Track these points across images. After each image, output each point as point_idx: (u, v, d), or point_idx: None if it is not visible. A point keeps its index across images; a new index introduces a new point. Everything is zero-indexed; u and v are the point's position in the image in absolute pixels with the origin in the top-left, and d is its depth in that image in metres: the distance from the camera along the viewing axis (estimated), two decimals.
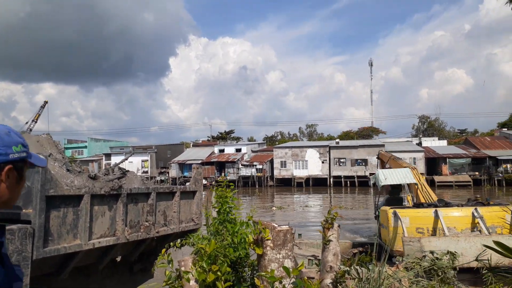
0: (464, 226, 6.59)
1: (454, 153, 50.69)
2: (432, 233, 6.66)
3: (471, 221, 6.56)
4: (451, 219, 6.65)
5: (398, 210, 7.11)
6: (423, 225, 6.75)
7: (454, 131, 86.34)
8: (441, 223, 6.46)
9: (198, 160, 57.86)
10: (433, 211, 6.73)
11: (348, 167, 52.08)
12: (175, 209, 5.12)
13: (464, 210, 6.76)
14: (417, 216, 6.91)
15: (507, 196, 34.72)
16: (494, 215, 6.47)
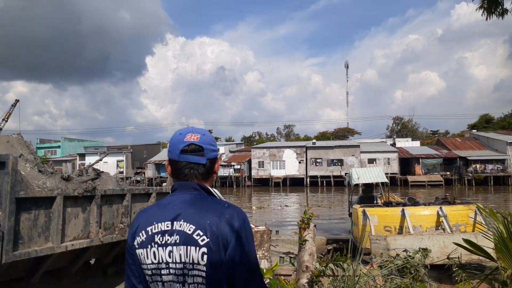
0: (429, 225, 6.80)
1: (427, 153, 52.09)
2: (399, 231, 6.85)
3: (436, 219, 6.78)
4: (417, 218, 6.85)
5: (367, 209, 7.28)
6: (391, 223, 6.93)
7: (427, 132, 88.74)
8: (407, 222, 6.65)
9: None
10: (400, 210, 6.92)
11: (324, 167, 52.73)
12: None
13: (430, 209, 6.98)
14: (385, 215, 7.10)
15: (476, 194, 35.98)
16: (458, 214, 6.70)
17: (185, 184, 1.42)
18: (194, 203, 1.37)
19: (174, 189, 1.44)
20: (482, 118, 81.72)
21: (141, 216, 1.44)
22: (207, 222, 1.32)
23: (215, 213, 1.34)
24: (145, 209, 1.49)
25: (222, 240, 1.30)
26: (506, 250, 4.64)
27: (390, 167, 50.23)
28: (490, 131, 63.41)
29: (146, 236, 1.36)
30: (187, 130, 1.50)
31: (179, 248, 1.31)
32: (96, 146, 68.88)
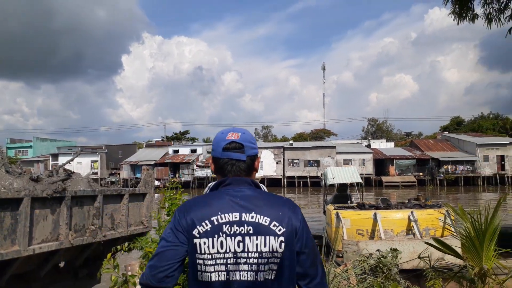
0: (400, 229, 6.93)
1: (401, 154, 53.23)
2: (371, 235, 6.96)
3: (407, 224, 6.92)
4: (389, 222, 6.97)
5: (340, 212, 7.36)
6: (363, 227, 7.03)
7: (401, 133, 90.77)
8: (379, 226, 6.77)
9: (151, 161, 56.47)
10: (372, 214, 7.02)
11: (301, 167, 53.14)
12: (123, 212, 4.98)
13: (402, 213, 7.11)
14: (357, 218, 7.18)
15: (447, 194, 37.07)
16: (429, 218, 6.86)
17: (240, 179, 1.52)
18: (259, 197, 1.49)
19: (228, 183, 1.51)
20: (453, 120, 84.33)
21: (195, 206, 1.47)
22: (279, 214, 1.45)
23: (283, 205, 1.49)
24: (195, 200, 1.52)
25: (293, 228, 1.45)
26: (473, 249, 4.80)
27: (365, 167, 51.09)
28: (461, 133, 65.45)
29: (212, 225, 1.41)
30: (229, 130, 1.61)
31: (253, 238, 1.41)
32: (69, 146, 67.18)
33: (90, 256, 4.84)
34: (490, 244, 4.77)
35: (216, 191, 1.52)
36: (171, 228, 1.45)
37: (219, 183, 1.53)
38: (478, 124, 77.41)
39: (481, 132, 67.32)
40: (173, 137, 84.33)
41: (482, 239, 4.65)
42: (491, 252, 4.81)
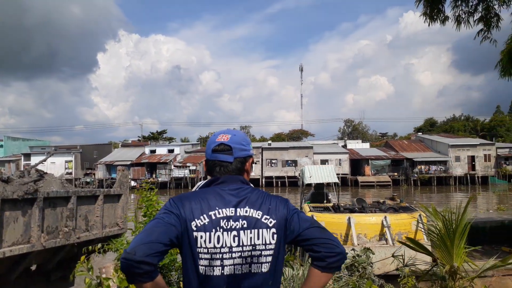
0: (373, 234, 7.05)
1: (376, 155, 54.23)
2: (345, 238, 7.05)
3: (380, 228, 7.04)
4: (363, 226, 7.08)
5: (315, 214, 7.43)
6: (338, 230, 7.10)
7: (376, 134, 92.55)
8: (352, 231, 6.87)
9: (128, 161, 55.54)
10: (346, 218, 7.12)
11: (279, 167, 53.43)
12: (98, 213, 4.89)
13: (375, 217, 7.23)
14: (332, 222, 7.26)
15: (421, 194, 38.02)
16: (402, 223, 6.99)
17: (232, 177, 1.56)
18: (251, 193, 1.54)
19: (222, 181, 1.55)
20: (427, 121, 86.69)
21: (192, 199, 1.47)
22: (269, 207, 1.51)
23: (273, 199, 1.56)
24: (190, 194, 1.53)
25: (282, 217, 1.51)
26: (444, 247, 4.95)
27: (341, 167, 51.83)
28: (434, 134, 67.27)
29: (209, 220, 1.43)
30: (221, 132, 1.67)
31: (247, 232, 1.46)
32: (42, 146, 65.32)
33: (64, 258, 4.73)
34: (460, 242, 4.94)
35: (210, 188, 1.55)
36: (166, 210, 1.44)
37: (211, 181, 1.57)
38: (450, 125, 79.85)
39: (453, 133, 69.42)
40: (150, 136, 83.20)
41: (452, 237, 4.80)
42: (462, 250, 4.98)
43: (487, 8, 7.51)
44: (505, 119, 75.95)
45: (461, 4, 7.54)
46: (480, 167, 50.91)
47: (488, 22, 7.54)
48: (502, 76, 7.62)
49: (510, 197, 32.70)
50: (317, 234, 1.52)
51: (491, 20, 7.53)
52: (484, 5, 7.50)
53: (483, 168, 50.91)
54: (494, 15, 7.53)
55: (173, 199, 1.49)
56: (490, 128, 74.09)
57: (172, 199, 1.49)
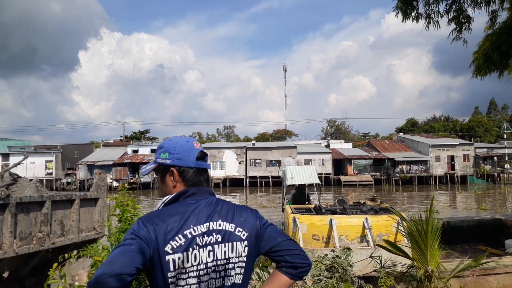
0: (355, 235, 7.12)
1: (358, 155, 54.87)
2: (326, 240, 7.10)
3: (361, 230, 7.12)
4: (344, 228, 7.15)
5: (297, 216, 7.47)
6: (319, 232, 7.15)
7: (359, 134, 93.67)
8: (334, 233, 6.94)
9: (110, 161, 54.82)
10: (328, 220, 7.18)
11: (263, 167, 53.53)
12: (74, 217, 4.80)
13: (357, 219, 7.31)
14: (314, 224, 7.31)
15: (402, 193, 38.61)
16: (382, 224, 7.09)
17: (202, 189, 1.54)
18: (222, 205, 1.51)
19: (191, 194, 1.50)
20: (408, 122, 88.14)
21: (164, 218, 1.39)
22: (241, 219, 1.50)
23: (244, 211, 1.54)
24: (161, 212, 1.43)
25: (256, 231, 1.51)
26: (419, 249, 5.06)
27: (324, 167, 52.30)
28: (415, 134, 68.45)
29: (185, 239, 1.37)
30: (191, 139, 1.62)
31: (221, 245, 1.44)
32: (22, 146, 63.75)
33: (38, 264, 4.63)
34: (433, 243, 5.05)
35: (179, 203, 1.47)
36: (133, 233, 1.34)
37: (180, 195, 1.49)
38: (431, 125, 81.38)
39: (433, 133, 70.80)
40: (133, 136, 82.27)
41: (425, 239, 4.91)
42: (436, 251, 5.09)
43: (459, 9, 7.67)
44: (483, 120, 77.81)
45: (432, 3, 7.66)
46: (459, 166, 52.05)
47: (460, 23, 7.70)
48: (475, 76, 7.78)
49: (488, 196, 33.54)
50: (291, 246, 1.55)
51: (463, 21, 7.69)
52: (457, 6, 7.65)
53: (462, 167, 52.06)
54: (466, 16, 7.70)
55: (142, 220, 1.39)
56: (469, 128, 75.81)
57: (141, 220, 1.39)
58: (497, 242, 9.18)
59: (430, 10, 7.70)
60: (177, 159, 1.53)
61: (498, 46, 6.98)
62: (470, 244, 9.45)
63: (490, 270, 5.97)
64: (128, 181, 52.85)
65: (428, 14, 7.72)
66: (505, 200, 30.09)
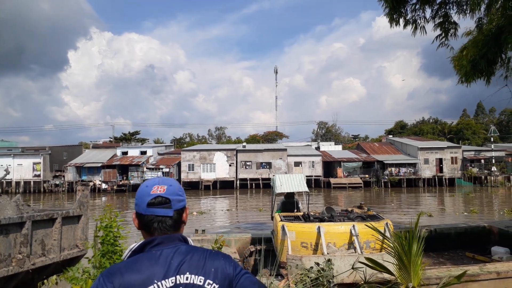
0: (342, 242, 7.18)
1: (348, 157, 55.17)
2: (314, 247, 7.16)
3: (349, 237, 7.18)
4: (332, 235, 7.20)
5: (286, 224, 7.53)
6: (307, 239, 7.21)
7: (349, 136, 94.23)
8: (322, 240, 6.98)
9: (99, 163, 54.33)
10: (316, 227, 7.24)
11: (253, 170, 53.52)
12: (55, 236, 4.74)
13: (344, 226, 7.37)
14: (302, 231, 7.37)
15: (391, 196, 38.93)
16: (369, 231, 7.16)
17: (170, 237, 1.43)
18: (191, 255, 1.40)
19: (158, 243, 1.40)
20: (397, 124, 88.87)
21: (125, 273, 1.31)
22: (212, 270, 1.39)
23: (215, 259, 1.43)
24: (123, 265, 1.36)
25: (229, 282, 1.40)
26: (402, 265, 5.10)
27: (314, 170, 52.48)
28: (404, 137, 69.10)
29: None
30: (154, 182, 1.51)
31: None
32: (9, 147, 62.79)
33: (18, 285, 4.56)
34: (416, 259, 5.10)
35: (145, 253, 1.39)
36: None
37: (145, 244, 1.42)
38: (420, 128, 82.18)
39: (422, 136, 71.50)
40: (122, 137, 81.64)
41: (409, 256, 4.96)
42: (418, 267, 5.14)
43: (445, 15, 7.76)
44: (471, 122, 78.81)
45: (419, 9, 7.74)
46: (447, 169, 52.63)
47: (445, 29, 7.80)
48: (462, 83, 7.87)
49: (475, 199, 33.97)
50: None
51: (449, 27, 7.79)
52: (442, 12, 7.74)
53: (450, 170, 52.65)
54: (452, 23, 7.79)
55: (103, 277, 1.32)
56: (457, 131, 76.72)
57: (102, 277, 1.32)
58: (484, 249, 9.30)
59: (417, 15, 7.77)
60: (136, 205, 1.48)
61: (485, 54, 7.09)
62: (458, 251, 9.55)
63: (475, 277, 6.06)
64: (117, 184, 52.48)
65: (414, 20, 7.80)
66: (491, 203, 30.53)
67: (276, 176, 13.00)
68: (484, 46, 7.11)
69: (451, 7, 7.73)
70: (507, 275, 6.11)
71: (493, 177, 50.44)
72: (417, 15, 7.79)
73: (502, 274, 6.12)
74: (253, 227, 18.29)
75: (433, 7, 7.78)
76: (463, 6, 7.48)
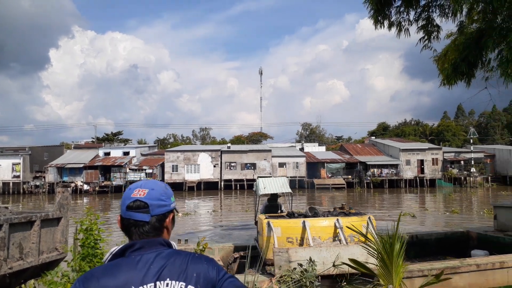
0: (327, 236, 7.26)
1: (331, 158, 55.68)
2: (300, 242, 7.22)
3: (333, 230, 7.27)
4: (317, 229, 7.28)
5: (271, 221, 7.58)
6: (293, 234, 7.26)
7: (332, 137, 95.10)
8: (307, 234, 7.04)
9: (80, 163, 53.44)
10: (301, 222, 7.32)
11: (238, 170, 53.48)
12: (34, 239, 4.64)
13: (328, 220, 7.48)
14: (288, 226, 7.43)
15: (373, 196, 39.41)
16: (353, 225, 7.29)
17: (151, 241, 1.40)
18: (173, 260, 1.36)
19: (139, 247, 1.37)
20: (380, 125, 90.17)
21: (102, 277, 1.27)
22: (194, 275, 1.35)
23: (198, 262, 1.39)
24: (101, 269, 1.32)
25: (212, 286, 1.37)
26: (383, 266, 5.17)
27: (298, 170, 52.78)
28: (386, 138, 70.11)
29: None
30: (137, 185, 1.48)
31: None
32: None
33: None
34: (398, 260, 5.18)
35: (125, 258, 1.36)
36: None
37: (126, 248, 1.38)
38: (402, 129, 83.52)
39: (404, 137, 72.68)
40: (105, 138, 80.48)
41: (391, 258, 5.03)
42: (400, 267, 5.22)
43: (428, 18, 7.91)
44: (451, 124, 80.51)
45: (403, 12, 7.87)
46: (428, 170, 53.62)
47: (428, 32, 7.95)
48: (444, 85, 8.03)
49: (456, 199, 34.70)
50: None
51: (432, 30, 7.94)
52: (425, 14, 7.89)
53: (431, 171, 53.66)
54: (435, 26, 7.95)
55: (79, 281, 1.29)
56: (438, 132, 78.28)
57: (78, 282, 1.29)
58: (463, 253, 9.51)
59: (401, 18, 7.90)
60: (121, 209, 1.46)
61: (466, 57, 7.25)
62: (438, 257, 9.74)
63: (456, 269, 6.21)
64: (100, 185, 51.71)
65: (399, 22, 7.92)
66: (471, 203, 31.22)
67: (260, 180, 13.05)
68: (465, 49, 7.27)
69: (434, 10, 7.88)
70: (486, 267, 6.28)
71: (472, 178, 51.60)
72: (402, 17, 7.92)
73: (481, 266, 6.29)
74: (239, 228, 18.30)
75: (416, 10, 7.91)
76: (445, 10, 7.63)
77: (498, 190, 44.05)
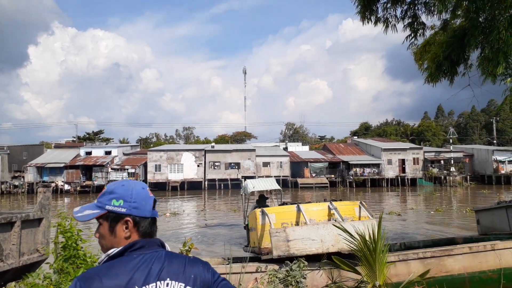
0: (322, 218, 7.30)
1: (315, 158, 56.11)
2: (295, 225, 7.21)
3: (327, 213, 7.31)
4: (311, 213, 7.31)
5: (266, 209, 7.65)
6: (288, 219, 7.27)
7: (315, 137, 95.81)
8: (303, 215, 7.05)
9: (61, 163, 52.42)
10: (295, 207, 7.35)
11: (222, 170, 53.37)
12: (14, 241, 4.52)
13: (321, 205, 7.55)
14: (282, 212, 7.46)
15: (356, 195, 39.88)
16: (346, 209, 7.37)
17: (152, 240, 1.41)
18: (171, 260, 1.38)
19: (140, 247, 1.37)
20: (362, 125, 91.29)
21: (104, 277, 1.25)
22: (191, 276, 1.38)
23: (194, 265, 1.42)
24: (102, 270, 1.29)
25: (205, 282, 1.41)
26: (368, 265, 5.23)
27: (282, 170, 52.98)
28: (369, 138, 71.02)
29: None
30: (144, 184, 1.50)
31: None
32: None
33: None
34: (382, 258, 5.25)
35: (125, 257, 1.34)
36: None
37: (127, 248, 1.37)
38: (384, 129, 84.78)
39: (385, 137, 73.79)
40: (86, 137, 79.13)
41: (374, 255, 5.10)
42: (384, 265, 5.29)
43: (414, 15, 8.04)
44: (431, 124, 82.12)
45: (390, 8, 7.97)
46: (409, 169, 54.57)
47: (414, 29, 8.08)
48: (428, 82, 8.17)
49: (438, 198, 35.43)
50: None
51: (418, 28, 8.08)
52: (411, 12, 8.01)
53: (412, 170, 54.62)
54: (421, 23, 8.09)
55: (79, 281, 1.25)
56: (419, 132, 79.73)
57: (78, 281, 1.25)
58: None
59: (388, 14, 8.00)
60: (134, 208, 1.41)
61: (449, 55, 7.39)
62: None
63: (449, 251, 6.32)
64: (81, 184, 50.85)
65: (386, 18, 8.02)
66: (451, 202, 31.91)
67: (248, 181, 13.10)
68: (448, 47, 7.40)
69: (419, 7, 8.00)
70: (478, 249, 6.41)
71: (451, 177, 52.74)
72: (389, 14, 8.02)
73: (474, 249, 6.41)
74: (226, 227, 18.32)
75: (402, 7, 8.02)
76: (431, 7, 7.75)
77: (476, 189, 45.19)
